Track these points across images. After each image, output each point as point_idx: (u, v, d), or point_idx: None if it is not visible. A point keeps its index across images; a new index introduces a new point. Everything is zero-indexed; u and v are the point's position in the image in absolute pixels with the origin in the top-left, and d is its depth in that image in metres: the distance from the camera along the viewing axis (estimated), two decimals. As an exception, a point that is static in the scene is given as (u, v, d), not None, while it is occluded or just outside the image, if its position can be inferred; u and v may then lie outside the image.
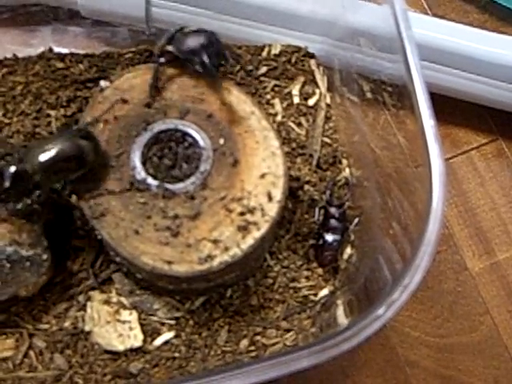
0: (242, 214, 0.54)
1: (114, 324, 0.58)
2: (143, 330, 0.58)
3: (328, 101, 0.68)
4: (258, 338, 0.59)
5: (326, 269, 0.62)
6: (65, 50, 0.68)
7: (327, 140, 0.66)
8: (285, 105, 0.67)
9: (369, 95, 0.59)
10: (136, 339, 0.58)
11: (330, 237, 0.61)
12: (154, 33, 0.71)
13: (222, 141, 0.56)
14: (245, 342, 0.59)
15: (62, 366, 0.57)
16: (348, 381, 0.63)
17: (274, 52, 0.69)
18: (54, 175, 0.53)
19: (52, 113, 0.64)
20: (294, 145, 0.65)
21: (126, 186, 0.55)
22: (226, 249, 0.53)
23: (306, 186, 0.64)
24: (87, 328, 0.58)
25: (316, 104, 0.68)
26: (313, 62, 0.69)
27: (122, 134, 0.56)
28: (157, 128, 0.57)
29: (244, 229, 0.53)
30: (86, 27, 0.71)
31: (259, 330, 0.59)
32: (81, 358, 0.57)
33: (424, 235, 0.44)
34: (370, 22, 0.57)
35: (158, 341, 0.58)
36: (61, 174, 0.53)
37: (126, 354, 0.57)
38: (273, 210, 0.54)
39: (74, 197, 0.56)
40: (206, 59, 0.56)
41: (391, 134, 0.55)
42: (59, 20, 0.71)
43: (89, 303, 0.58)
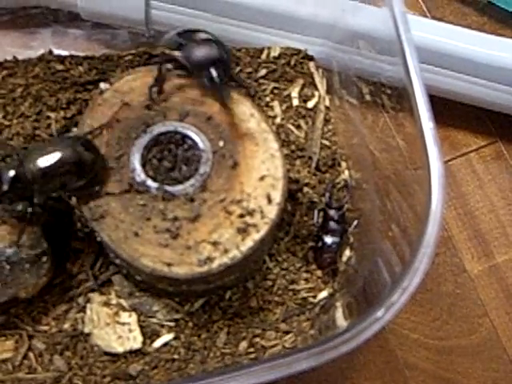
0: (241, 216, 0.54)
1: (113, 326, 0.58)
2: (142, 332, 0.58)
3: (327, 103, 0.68)
4: (257, 339, 0.59)
5: (325, 271, 0.62)
6: (65, 53, 0.68)
7: (326, 142, 0.66)
8: (284, 107, 0.67)
9: (368, 98, 0.59)
10: (135, 341, 0.58)
11: (329, 239, 0.61)
12: (154, 35, 0.71)
13: (221, 143, 0.56)
14: (244, 344, 0.59)
15: (61, 368, 0.57)
16: (347, 383, 0.63)
17: (273, 54, 0.69)
18: (53, 182, 0.53)
19: (52, 115, 0.64)
20: (293, 147, 0.65)
21: (126, 187, 0.55)
22: (226, 251, 0.53)
23: (306, 189, 0.64)
24: (87, 330, 0.58)
25: (315, 106, 0.68)
26: (312, 65, 0.69)
27: (122, 136, 0.57)
28: (156, 130, 0.57)
29: (243, 231, 0.53)
30: (86, 29, 0.71)
31: (258, 331, 0.59)
32: (80, 359, 0.57)
33: (423, 237, 0.44)
34: (370, 24, 0.57)
35: (158, 343, 0.58)
36: (60, 182, 0.53)
37: (126, 356, 0.57)
38: (272, 212, 0.54)
39: (73, 199, 0.57)
40: (214, 74, 0.56)
41: (390, 136, 0.55)
42: (59, 22, 0.71)
43: (88, 305, 0.58)
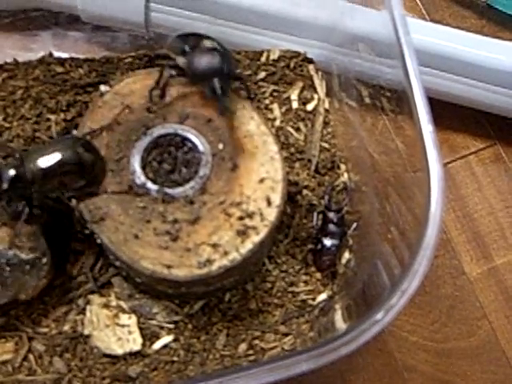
0: (241, 218, 0.54)
1: (113, 328, 0.58)
2: (142, 334, 0.58)
3: (326, 106, 0.68)
4: (257, 342, 0.59)
5: (324, 273, 0.62)
6: (65, 55, 0.68)
7: (325, 145, 0.66)
8: (283, 110, 0.67)
9: (367, 100, 0.59)
10: (135, 343, 0.58)
11: (328, 241, 0.61)
12: (154, 37, 0.71)
13: (221, 146, 0.57)
14: (243, 346, 0.59)
15: (61, 370, 0.57)
16: (346, 385, 0.63)
17: (272, 57, 0.69)
18: (53, 182, 0.53)
19: (52, 117, 0.64)
20: (292, 150, 0.65)
21: (126, 189, 0.55)
22: (225, 253, 0.53)
23: (305, 191, 0.64)
24: (86, 332, 0.58)
25: (314, 109, 0.68)
26: (311, 67, 0.69)
27: (122, 138, 0.57)
28: (156, 133, 0.57)
29: (243, 233, 0.53)
30: (86, 32, 0.71)
31: (258, 334, 0.59)
32: (80, 361, 0.57)
33: (422, 240, 0.44)
34: (369, 27, 0.57)
35: (157, 344, 0.58)
36: (59, 182, 0.53)
37: (125, 358, 0.57)
38: (272, 214, 0.55)
39: (73, 201, 0.57)
40: (216, 86, 0.56)
41: (389, 139, 0.55)
42: (59, 25, 0.71)
43: (88, 307, 0.58)
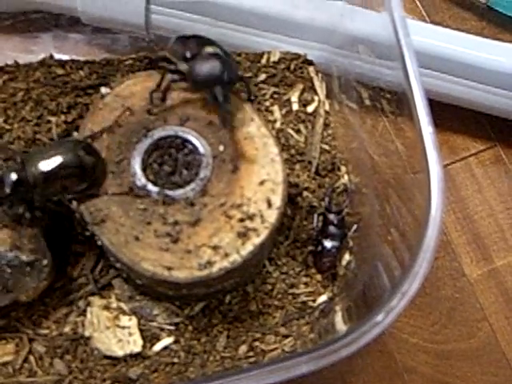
0: (241, 220, 0.54)
1: (113, 329, 0.58)
2: (143, 336, 0.58)
3: (327, 108, 0.68)
4: (257, 343, 0.59)
5: (324, 275, 0.62)
6: (65, 57, 0.68)
7: (326, 147, 0.66)
8: (284, 112, 0.67)
9: (367, 102, 0.59)
10: (135, 344, 0.58)
11: (328, 243, 0.61)
12: (154, 39, 0.71)
13: (221, 147, 0.57)
14: (244, 348, 0.59)
15: (61, 371, 0.57)
16: (346, 387, 0.63)
17: (273, 59, 0.69)
18: (55, 185, 0.53)
19: (53, 119, 0.64)
20: (292, 151, 0.65)
21: (126, 191, 0.55)
22: (226, 255, 0.53)
23: (305, 193, 0.64)
24: (87, 333, 0.58)
25: (315, 111, 0.68)
26: (311, 69, 0.69)
27: (123, 140, 0.57)
28: (157, 135, 0.57)
29: (244, 235, 0.53)
30: (87, 34, 0.71)
31: (258, 335, 0.59)
32: (80, 363, 0.57)
33: (423, 242, 0.44)
34: (369, 29, 0.57)
35: (158, 346, 0.58)
36: (61, 185, 0.53)
37: (126, 360, 0.57)
38: (272, 216, 0.55)
39: (74, 203, 0.57)
40: (219, 95, 0.55)
41: (389, 140, 0.55)
42: (60, 27, 0.71)
43: (89, 308, 0.58)
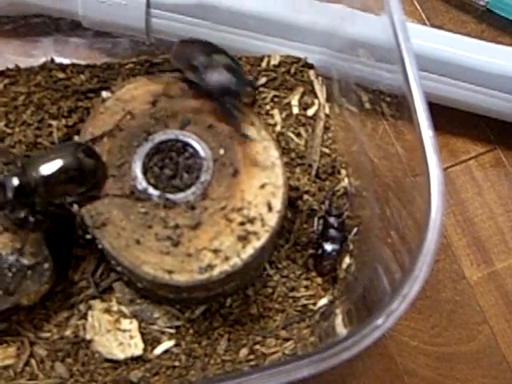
0: (242, 223, 0.54)
1: (114, 333, 0.58)
2: (143, 339, 0.58)
3: (327, 111, 0.68)
4: (258, 346, 0.59)
5: (325, 278, 0.62)
6: (66, 61, 0.68)
7: (326, 150, 0.66)
8: (284, 115, 0.67)
9: (367, 105, 0.59)
10: (136, 348, 0.58)
11: (329, 246, 0.61)
12: (154, 43, 0.71)
13: (222, 151, 0.57)
14: (244, 351, 0.59)
15: (63, 375, 0.57)
16: (347, 390, 0.63)
17: (273, 63, 0.69)
18: (56, 189, 0.53)
19: (53, 123, 0.64)
20: (293, 155, 0.65)
21: (127, 194, 0.55)
22: (226, 258, 0.53)
23: (305, 196, 0.64)
24: (88, 337, 0.58)
25: (315, 114, 0.68)
26: (312, 73, 0.69)
27: (124, 144, 0.57)
28: (158, 138, 0.57)
29: (244, 238, 0.54)
30: (88, 38, 0.71)
31: (259, 339, 0.59)
32: (82, 366, 0.57)
33: (423, 245, 0.44)
34: (369, 32, 0.57)
35: (158, 349, 0.58)
36: (62, 189, 0.53)
37: (127, 363, 0.57)
38: (272, 219, 0.55)
39: (75, 206, 0.57)
40: (232, 108, 0.56)
41: (389, 143, 0.55)
42: (61, 31, 0.71)
43: (90, 312, 0.58)
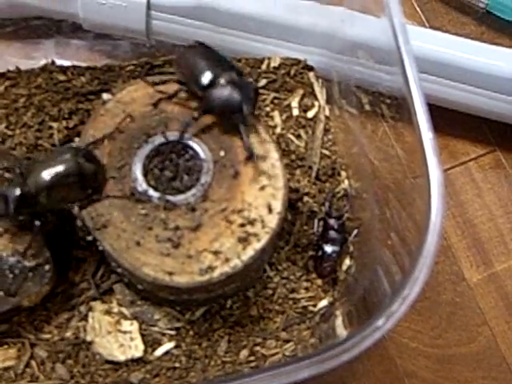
0: (242, 225, 0.54)
1: (115, 334, 0.58)
2: (144, 341, 0.58)
3: (327, 113, 0.68)
4: (258, 348, 0.59)
5: (325, 280, 0.62)
6: (67, 63, 0.69)
7: (326, 152, 0.67)
8: (284, 117, 0.67)
9: (367, 107, 0.59)
10: (137, 349, 0.58)
11: (329, 248, 0.61)
12: (155, 45, 0.71)
13: (222, 153, 0.57)
14: (245, 353, 0.59)
15: (63, 376, 0.57)
16: (347, 391, 0.63)
17: (273, 65, 0.69)
18: (57, 195, 0.53)
19: (54, 125, 0.64)
20: (293, 157, 0.66)
21: (128, 195, 0.55)
22: (227, 260, 0.53)
23: (306, 198, 0.64)
24: (88, 338, 0.58)
25: (315, 116, 0.68)
26: (312, 75, 0.69)
27: (124, 146, 0.57)
28: (158, 140, 0.57)
29: (244, 240, 0.54)
30: (88, 40, 0.71)
31: (259, 340, 0.59)
32: (82, 367, 0.57)
33: (423, 247, 0.44)
34: (369, 34, 0.57)
35: (159, 351, 0.58)
36: (63, 194, 0.54)
37: (127, 364, 0.57)
38: (273, 221, 0.55)
39: (76, 208, 0.57)
40: (236, 121, 0.56)
41: (389, 145, 0.56)
42: (61, 33, 0.71)
43: (90, 313, 0.58)
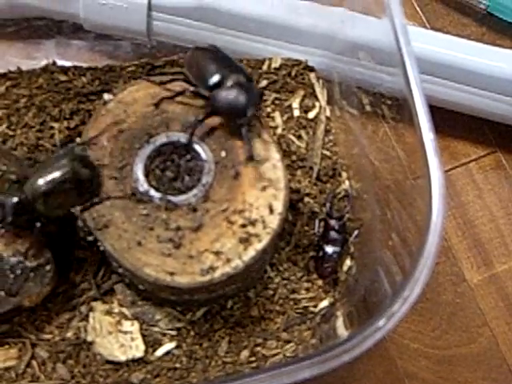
0: (243, 226, 0.54)
1: (115, 334, 0.58)
2: (145, 341, 0.58)
3: (328, 114, 0.68)
4: (259, 348, 0.59)
5: (325, 280, 0.62)
6: (68, 63, 0.69)
7: (327, 153, 0.67)
8: (285, 118, 0.68)
9: (368, 108, 0.59)
10: (137, 350, 0.58)
11: (329, 249, 0.61)
12: (156, 46, 0.71)
13: (223, 153, 0.57)
14: (245, 353, 0.59)
15: (64, 376, 0.57)
16: (347, 392, 0.63)
17: (274, 65, 0.69)
18: (55, 202, 0.53)
19: (55, 125, 0.64)
20: (294, 157, 0.66)
21: (129, 195, 0.55)
22: (228, 260, 0.53)
23: (306, 199, 0.64)
24: (89, 338, 0.58)
25: (316, 117, 0.68)
26: (313, 76, 0.69)
27: (125, 146, 0.57)
28: (159, 141, 0.57)
29: (245, 241, 0.54)
30: (89, 41, 0.71)
31: (260, 341, 0.59)
32: (83, 368, 0.57)
33: (424, 248, 0.44)
34: (370, 35, 0.57)
35: (160, 351, 0.58)
36: (61, 200, 0.54)
37: (128, 365, 0.57)
38: (274, 222, 0.55)
39: (77, 208, 0.57)
40: (244, 133, 0.56)
41: (390, 146, 0.56)
42: (63, 34, 0.71)
43: (91, 314, 0.58)
